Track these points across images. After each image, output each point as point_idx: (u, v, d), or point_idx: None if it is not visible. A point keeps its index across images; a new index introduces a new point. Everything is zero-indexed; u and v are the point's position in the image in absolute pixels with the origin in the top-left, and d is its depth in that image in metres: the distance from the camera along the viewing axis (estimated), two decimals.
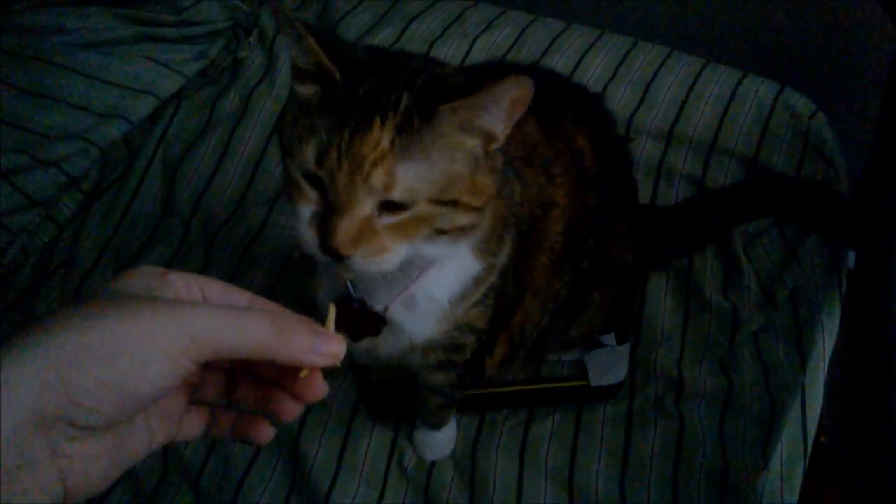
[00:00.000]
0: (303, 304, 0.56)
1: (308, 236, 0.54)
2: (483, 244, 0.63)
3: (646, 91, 1.16)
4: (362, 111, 0.51)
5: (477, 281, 0.66)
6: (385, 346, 0.70)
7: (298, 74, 0.55)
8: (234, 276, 1.03)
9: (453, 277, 0.64)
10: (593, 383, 0.91)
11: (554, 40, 1.22)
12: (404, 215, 0.52)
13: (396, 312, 0.65)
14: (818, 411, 0.88)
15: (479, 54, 1.21)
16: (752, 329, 0.95)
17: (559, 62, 1.19)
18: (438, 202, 0.53)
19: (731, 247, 1.01)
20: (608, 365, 0.92)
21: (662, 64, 1.19)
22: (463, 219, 0.55)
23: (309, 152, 0.51)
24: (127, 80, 1.18)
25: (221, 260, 1.06)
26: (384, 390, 0.91)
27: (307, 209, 0.54)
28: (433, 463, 0.90)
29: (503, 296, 0.71)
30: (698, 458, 0.86)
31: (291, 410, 0.43)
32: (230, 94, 1.23)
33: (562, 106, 0.79)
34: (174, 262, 1.06)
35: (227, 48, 1.29)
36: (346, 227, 0.51)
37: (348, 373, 0.94)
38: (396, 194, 0.51)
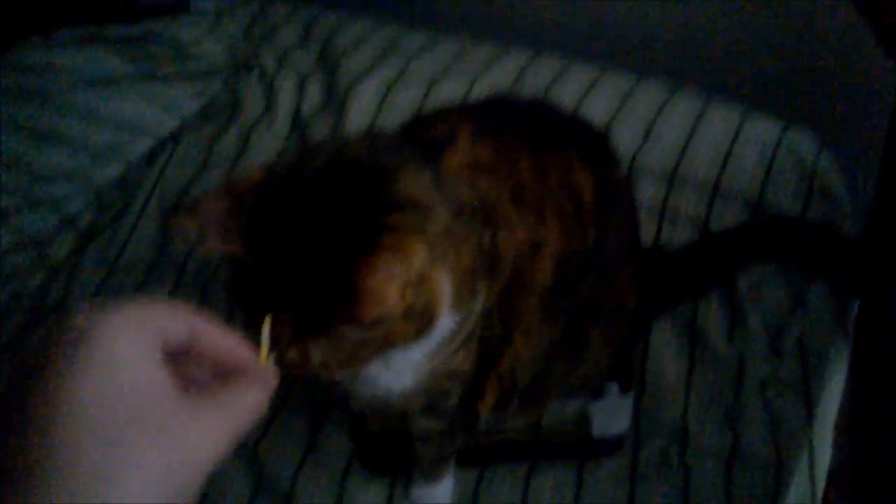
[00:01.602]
0: None
1: None
2: (453, 300, 0.61)
3: (648, 131, 1.15)
4: (269, 303, 0.53)
5: (453, 333, 0.64)
6: (364, 391, 0.71)
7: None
8: (229, 318, 1.02)
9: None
10: (596, 433, 0.89)
11: (555, 80, 1.21)
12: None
13: (369, 369, 0.64)
14: (827, 465, 0.86)
15: (479, 94, 1.20)
16: (759, 379, 0.93)
17: (561, 102, 1.17)
18: (356, 361, 0.57)
19: (736, 292, 0.99)
20: (611, 414, 0.90)
21: (665, 103, 1.18)
22: (392, 349, 0.58)
23: (240, 318, 0.54)
24: (124, 118, 1.18)
25: (217, 302, 1.04)
26: (381, 443, 0.88)
27: None
28: None
29: (489, 336, 0.70)
30: None
31: None
32: (229, 132, 1.22)
33: (563, 141, 0.77)
34: None
35: (227, 86, 1.28)
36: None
37: (343, 425, 0.92)
38: (314, 363, 0.55)
